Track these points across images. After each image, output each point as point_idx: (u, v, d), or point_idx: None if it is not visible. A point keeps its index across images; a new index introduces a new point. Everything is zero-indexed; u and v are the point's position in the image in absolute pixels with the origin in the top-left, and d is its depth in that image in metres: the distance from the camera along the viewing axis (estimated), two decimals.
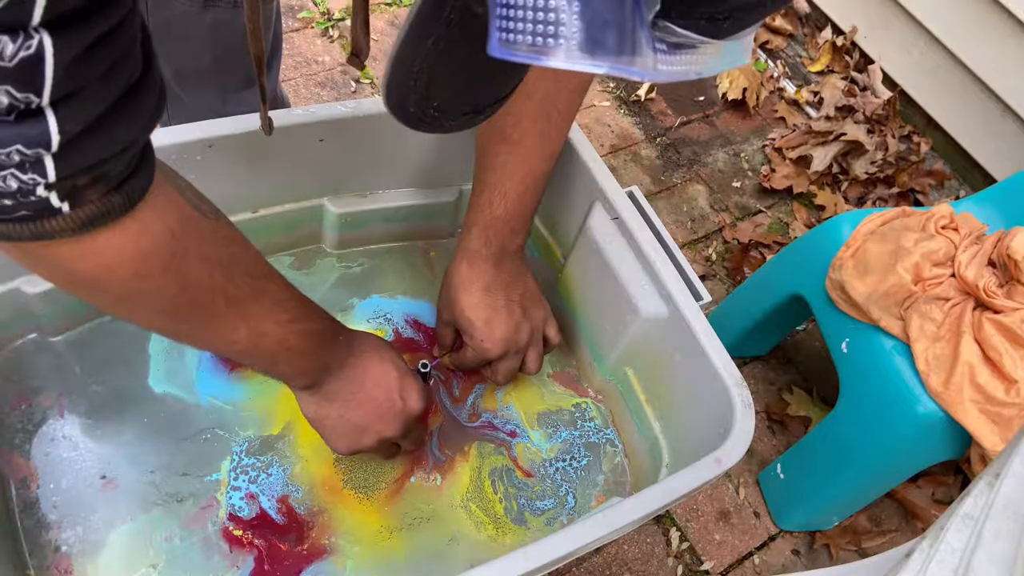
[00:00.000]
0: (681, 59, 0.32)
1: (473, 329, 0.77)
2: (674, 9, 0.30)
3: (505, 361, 0.80)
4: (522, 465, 0.86)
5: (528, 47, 0.30)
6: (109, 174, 0.44)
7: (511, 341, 0.78)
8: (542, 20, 0.29)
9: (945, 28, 1.78)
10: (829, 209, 1.73)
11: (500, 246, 0.76)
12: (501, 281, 0.77)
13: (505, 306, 0.77)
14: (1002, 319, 1.01)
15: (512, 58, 0.30)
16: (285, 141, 0.78)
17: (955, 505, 0.47)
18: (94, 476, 0.75)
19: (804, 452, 1.25)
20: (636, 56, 0.31)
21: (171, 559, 0.73)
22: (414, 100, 0.44)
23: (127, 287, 0.51)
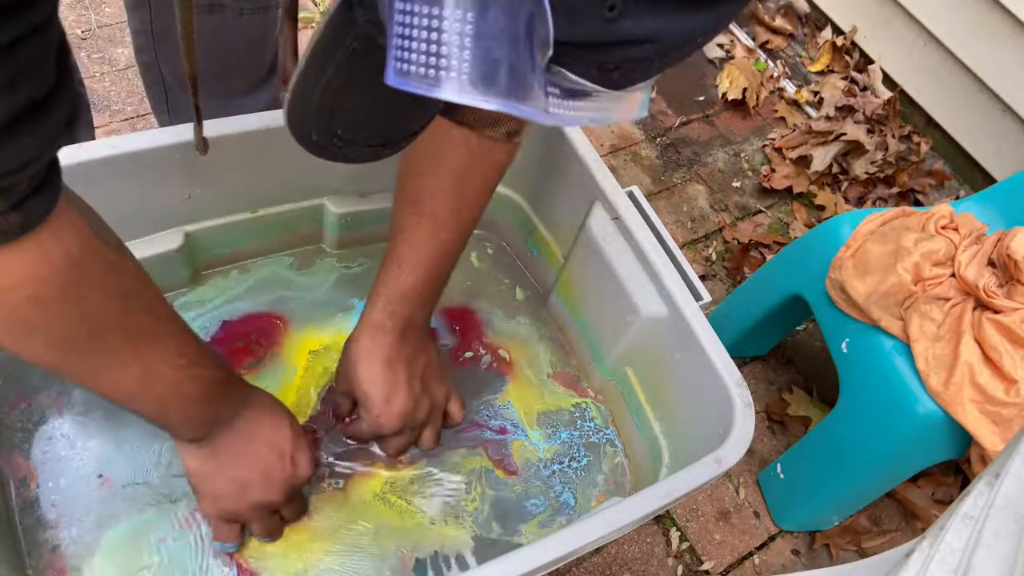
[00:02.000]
0: (574, 105, 0.33)
1: (370, 403, 0.74)
2: (566, 56, 0.31)
3: (399, 437, 0.78)
4: (514, 463, 0.85)
5: (420, 78, 0.30)
6: (8, 191, 0.42)
7: (408, 417, 0.76)
8: (435, 52, 0.30)
9: (945, 28, 1.78)
10: (829, 209, 1.73)
11: (405, 319, 0.74)
12: (404, 355, 0.75)
13: (406, 381, 0.75)
14: (1002, 319, 1.01)
15: (406, 88, 0.31)
16: (285, 141, 0.77)
17: (955, 505, 0.47)
18: (91, 475, 0.75)
19: (804, 452, 1.25)
20: (527, 97, 0.31)
21: (164, 561, 0.73)
22: (316, 128, 0.43)
23: (21, 313, 0.48)
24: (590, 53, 0.31)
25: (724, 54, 2.01)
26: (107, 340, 0.54)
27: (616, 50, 0.31)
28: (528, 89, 0.31)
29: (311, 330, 0.88)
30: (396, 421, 0.75)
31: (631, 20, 0.30)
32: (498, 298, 0.97)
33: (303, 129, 0.44)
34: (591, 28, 0.30)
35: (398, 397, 0.74)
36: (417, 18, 0.30)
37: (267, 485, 0.68)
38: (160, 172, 0.75)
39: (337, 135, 0.44)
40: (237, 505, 0.68)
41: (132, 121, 1.52)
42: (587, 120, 0.34)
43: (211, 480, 0.67)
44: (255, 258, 0.91)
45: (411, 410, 0.76)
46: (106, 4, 1.68)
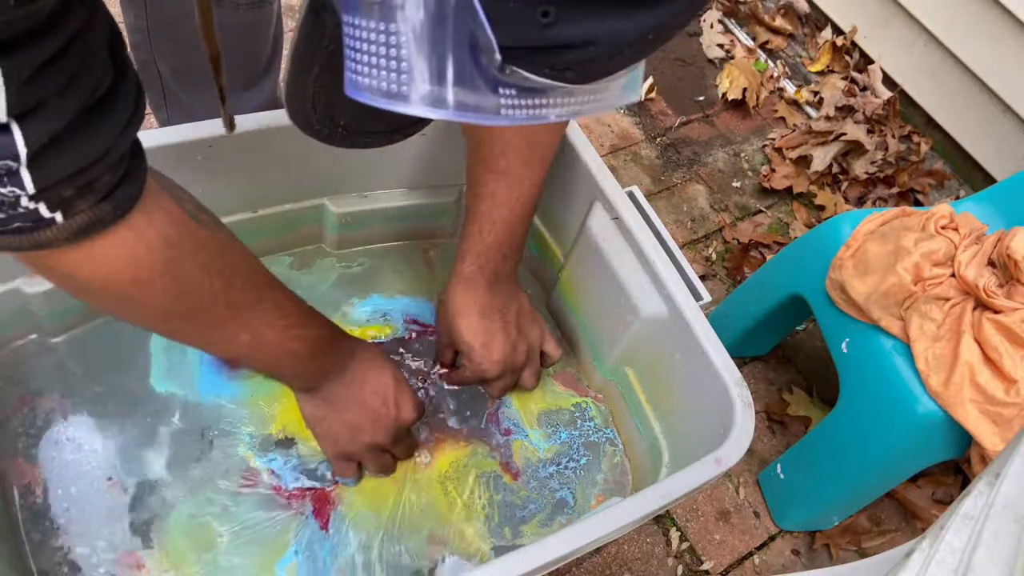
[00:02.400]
0: (533, 103, 0.33)
1: (471, 352, 0.80)
2: (516, 59, 0.31)
3: (501, 380, 0.84)
4: (516, 465, 0.85)
5: (377, 91, 0.31)
6: (95, 184, 0.45)
7: (507, 362, 0.81)
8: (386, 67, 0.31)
9: (945, 28, 1.78)
10: (829, 209, 1.73)
11: (493, 271, 0.79)
12: (496, 304, 0.80)
13: (502, 328, 0.80)
14: (1002, 319, 1.01)
15: (364, 100, 0.32)
16: (285, 141, 0.78)
17: (955, 505, 0.47)
18: (100, 478, 0.75)
19: (804, 452, 1.25)
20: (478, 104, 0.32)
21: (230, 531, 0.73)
22: (317, 119, 0.45)
23: (127, 293, 0.53)
24: (536, 55, 0.32)
25: (724, 54, 2.01)
26: (213, 312, 0.59)
27: (559, 53, 0.32)
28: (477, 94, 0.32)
29: None
30: (497, 366, 0.81)
31: (567, 25, 0.30)
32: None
33: (304, 120, 0.45)
34: (528, 35, 0.30)
35: (496, 344, 0.80)
36: (364, 32, 0.31)
37: (375, 427, 0.74)
38: (160, 172, 0.75)
39: (341, 125, 0.46)
40: (351, 446, 0.75)
41: None
42: (555, 117, 0.34)
43: (326, 424, 0.74)
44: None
45: (509, 354, 0.81)
46: (109, 4, 1.68)
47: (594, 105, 0.36)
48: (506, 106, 0.33)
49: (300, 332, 0.66)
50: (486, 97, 0.32)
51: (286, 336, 0.65)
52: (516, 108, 0.33)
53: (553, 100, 0.34)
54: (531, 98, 0.33)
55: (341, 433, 0.74)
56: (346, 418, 0.73)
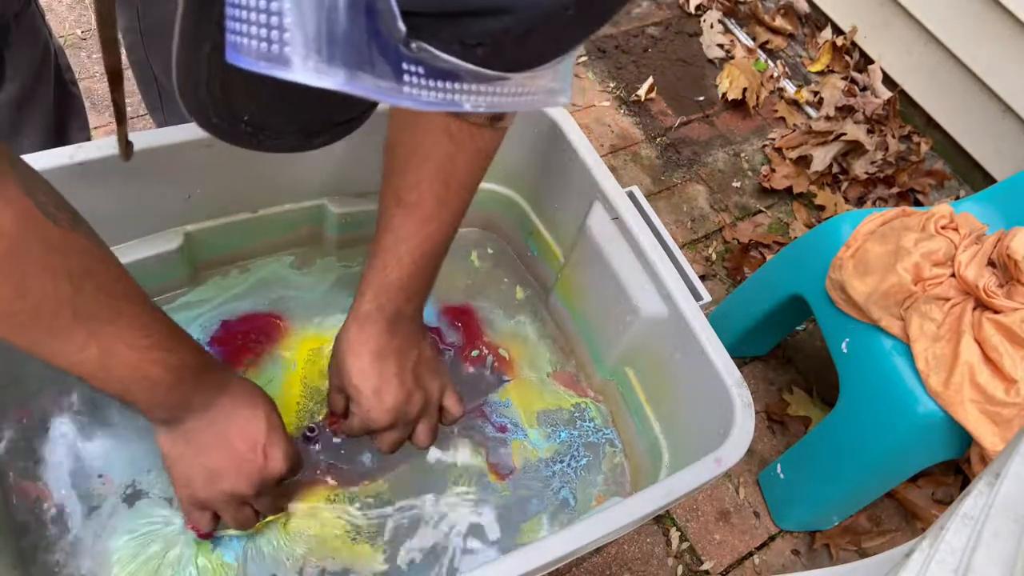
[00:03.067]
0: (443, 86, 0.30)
1: (360, 397, 0.72)
2: (422, 30, 0.29)
3: (392, 432, 0.75)
4: (511, 463, 0.85)
5: (259, 54, 0.28)
6: None
7: (400, 412, 0.73)
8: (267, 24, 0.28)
9: (945, 28, 1.78)
10: (829, 209, 1.74)
11: (395, 311, 0.72)
12: (394, 347, 0.72)
13: (397, 374, 0.72)
14: (1002, 319, 1.01)
15: (244, 65, 0.28)
16: None
17: (955, 505, 0.47)
18: (92, 475, 0.75)
19: (804, 452, 1.25)
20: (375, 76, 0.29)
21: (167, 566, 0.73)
22: (215, 112, 0.40)
23: None
24: (444, 25, 0.29)
25: (724, 54, 2.01)
26: (56, 320, 0.53)
27: (470, 22, 0.29)
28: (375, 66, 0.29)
29: (311, 329, 0.88)
30: (387, 415, 0.72)
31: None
32: (498, 298, 0.97)
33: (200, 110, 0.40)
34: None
35: (388, 390, 0.72)
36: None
37: (238, 476, 0.66)
38: (160, 172, 0.75)
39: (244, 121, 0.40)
40: (207, 493, 0.67)
41: (132, 121, 1.52)
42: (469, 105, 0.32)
43: (181, 464, 0.66)
44: (255, 258, 0.91)
45: (403, 403, 0.73)
46: None
47: (516, 100, 0.33)
48: (411, 84, 0.30)
49: (162, 356, 0.59)
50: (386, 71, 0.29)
51: (145, 358, 0.57)
52: (423, 89, 0.30)
53: (467, 86, 0.31)
54: (441, 80, 0.30)
55: (197, 477, 0.66)
56: (205, 461, 0.65)
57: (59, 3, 1.65)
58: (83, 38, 1.61)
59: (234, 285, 0.89)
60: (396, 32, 0.28)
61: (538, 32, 0.30)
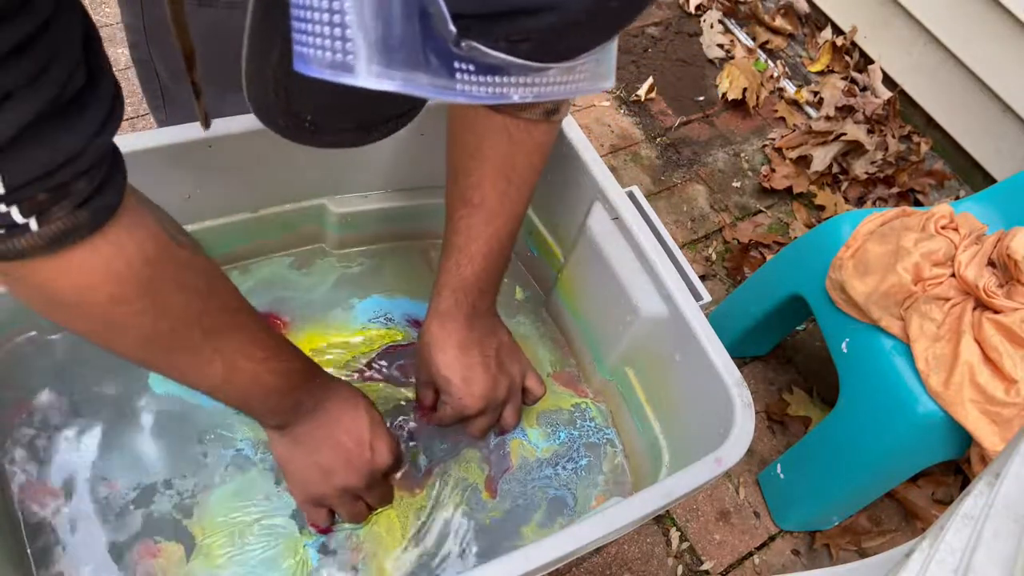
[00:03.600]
0: (493, 80, 0.32)
1: (451, 387, 0.76)
2: (472, 29, 0.30)
3: (483, 417, 0.79)
4: (510, 461, 0.85)
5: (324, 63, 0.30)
6: (70, 188, 0.44)
7: (489, 397, 0.77)
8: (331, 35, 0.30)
9: (945, 28, 1.78)
10: (829, 209, 1.74)
11: (471, 305, 0.76)
12: (474, 338, 0.77)
13: (481, 362, 0.77)
14: (1002, 319, 1.02)
15: (312, 73, 0.30)
16: (285, 141, 0.78)
17: (955, 505, 0.47)
18: (96, 478, 0.75)
19: (804, 452, 1.25)
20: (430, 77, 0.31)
21: None
22: (281, 112, 0.42)
23: (104, 311, 0.52)
24: (491, 25, 0.30)
25: (724, 54, 2.01)
26: (189, 337, 0.57)
27: (515, 20, 0.30)
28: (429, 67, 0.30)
29: (311, 330, 0.88)
30: (478, 402, 0.77)
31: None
32: (498, 298, 0.97)
33: (267, 112, 0.43)
34: None
35: (476, 378, 0.76)
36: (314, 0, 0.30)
37: (348, 471, 0.71)
38: (160, 172, 0.75)
39: (306, 120, 0.43)
40: (322, 489, 0.71)
41: (132, 121, 1.52)
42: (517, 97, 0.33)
43: (296, 465, 0.71)
44: (255, 258, 0.91)
45: (491, 389, 0.77)
46: (106, 4, 1.68)
47: (562, 88, 0.35)
48: (463, 82, 0.31)
49: (276, 365, 0.63)
50: (440, 71, 0.31)
51: (261, 368, 0.62)
52: (474, 85, 0.32)
53: (515, 79, 0.33)
54: (491, 75, 0.32)
55: (311, 475, 0.71)
56: (317, 459, 0.70)
57: None
58: None
59: None
60: (447, 33, 0.30)
61: (582, 25, 0.32)
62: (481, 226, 0.74)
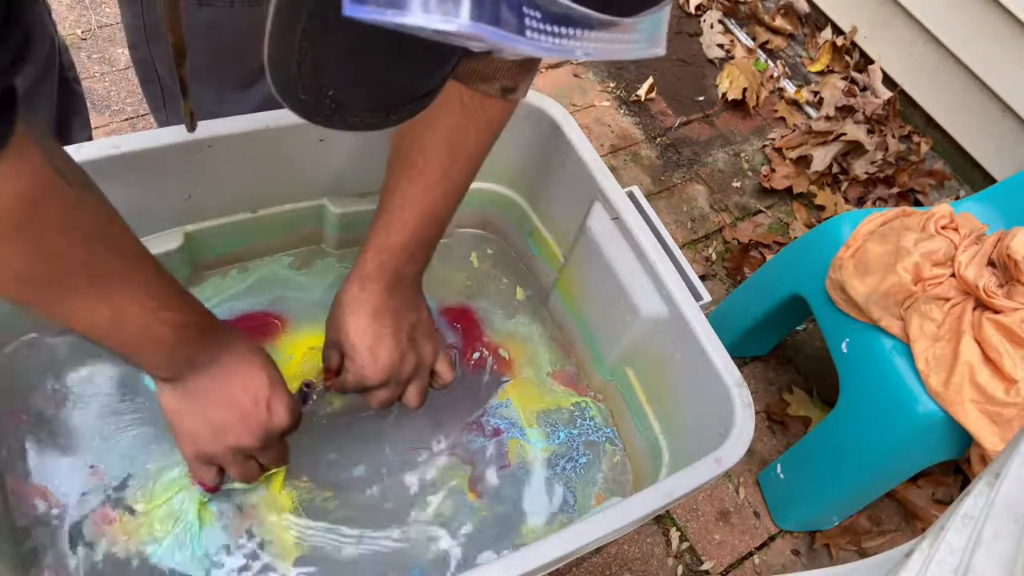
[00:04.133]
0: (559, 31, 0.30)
1: (355, 353, 0.73)
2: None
3: (384, 390, 0.76)
4: (507, 459, 0.85)
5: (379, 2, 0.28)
6: None
7: (393, 370, 0.74)
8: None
9: (945, 28, 1.78)
10: (829, 209, 1.74)
11: (395, 271, 0.73)
12: (391, 307, 0.74)
13: (392, 334, 0.74)
14: (1002, 319, 1.01)
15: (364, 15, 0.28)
16: (285, 141, 0.78)
17: (955, 505, 0.47)
18: (83, 465, 0.75)
19: (804, 452, 1.25)
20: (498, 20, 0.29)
21: None
22: (304, 87, 0.41)
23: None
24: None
25: (724, 54, 2.01)
26: (72, 281, 0.53)
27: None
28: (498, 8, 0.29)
29: (310, 329, 0.88)
30: (381, 372, 0.74)
31: None
32: (498, 298, 0.97)
33: (288, 87, 0.41)
34: None
35: (383, 348, 0.73)
36: None
37: (242, 429, 0.67)
38: (160, 172, 0.75)
39: (329, 96, 0.41)
40: (213, 447, 0.68)
41: (132, 121, 1.52)
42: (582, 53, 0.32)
43: (186, 420, 0.67)
44: (255, 258, 0.91)
45: (396, 362, 0.74)
46: (106, 4, 1.68)
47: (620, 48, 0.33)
48: (532, 28, 0.30)
49: (170, 316, 0.60)
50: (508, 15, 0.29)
51: (154, 318, 0.58)
52: (542, 33, 0.30)
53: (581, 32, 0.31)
54: (558, 25, 0.30)
55: (202, 432, 0.67)
56: (210, 415, 0.67)
57: (59, 3, 1.65)
58: (83, 38, 1.61)
59: (233, 285, 0.89)
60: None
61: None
62: (419, 192, 0.71)
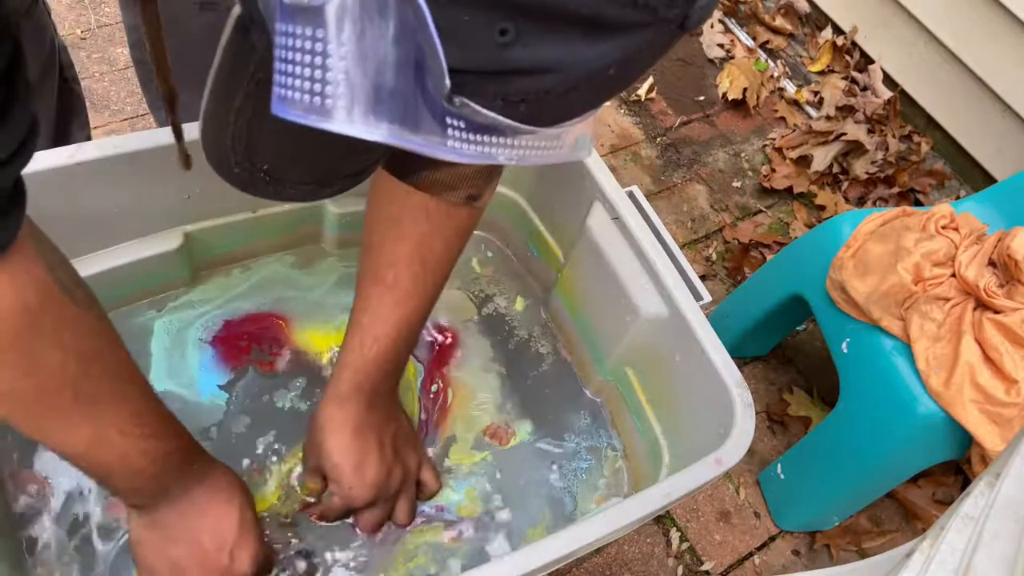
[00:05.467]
0: (482, 139, 0.31)
1: (340, 475, 0.71)
2: (467, 86, 0.29)
3: (373, 510, 0.74)
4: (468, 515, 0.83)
5: (305, 107, 0.28)
6: None
7: (381, 487, 0.72)
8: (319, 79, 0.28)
9: (945, 28, 1.78)
10: (829, 209, 1.74)
11: (372, 388, 0.71)
12: (373, 422, 0.72)
13: (377, 449, 0.72)
14: (1002, 319, 1.01)
15: (292, 117, 0.29)
16: None
17: (955, 505, 0.47)
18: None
19: (804, 452, 1.25)
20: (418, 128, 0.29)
21: None
22: (237, 161, 0.41)
23: None
24: (488, 82, 0.29)
25: (724, 54, 2.01)
26: (57, 399, 0.51)
27: (515, 80, 0.30)
28: (420, 120, 0.29)
29: (312, 329, 0.88)
30: (369, 491, 0.72)
31: (525, 48, 0.28)
32: (498, 298, 0.97)
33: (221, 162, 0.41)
34: (482, 55, 0.28)
35: (370, 465, 0.71)
36: (299, 40, 0.28)
37: (198, 573, 0.65)
38: (160, 172, 0.75)
39: (264, 171, 0.41)
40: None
41: (132, 121, 1.52)
42: (503, 158, 0.32)
43: (148, 551, 0.65)
44: (256, 258, 0.91)
45: (384, 478, 0.72)
46: (105, 4, 1.68)
47: (544, 154, 0.34)
48: (453, 138, 0.30)
49: (152, 445, 0.58)
50: (431, 126, 0.29)
51: (134, 447, 0.56)
52: (464, 143, 0.30)
53: (503, 139, 0.32)
54: (480, 134, 0.31)
55: (161, 568, 0.64)
56: (171, 552, 0.64)
57: (59, 3, 1.65)
58: (83, 38, 1.61)
59: (236, 285, 0.89)
60: (442, 88, 0.28)
61: (579, 90, 0.31)
62: (391, 307, 0.70)
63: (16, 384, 0.49)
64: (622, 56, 0.30)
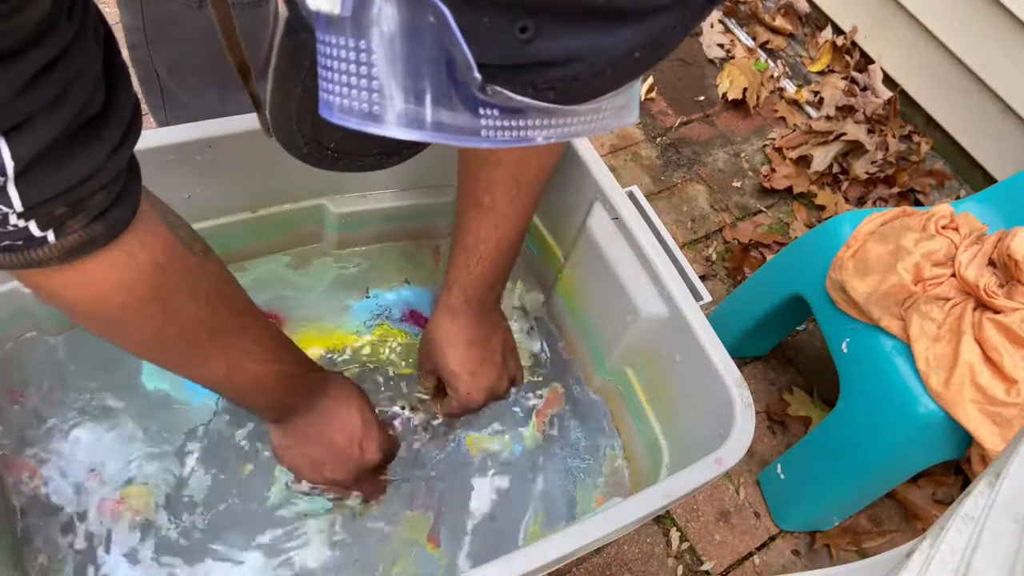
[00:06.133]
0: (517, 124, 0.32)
1: (459, 382, 0.80)
2: (497, 76, 0.30)
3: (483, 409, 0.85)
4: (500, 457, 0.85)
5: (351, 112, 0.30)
6: (88, 203, 0.45)
7: (494, 390, 0.82)
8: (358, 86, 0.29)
9: (945, 28, 1.78)
10: (829, 209, 1.73)
11: (479, 302, 0.80)
12: (482, 334, 0.81)
13: (489, 358, 0.81)
14: (1002, 319, 1.01)
15: (337, 122, 0.30)
16: None
17: (955, 505, 0.47)
18: (83, 469, 0.76)
19: (804, 452, 1.25)
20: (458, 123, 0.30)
21: None
22: (305, 143, 0.43)
23: (115, 315, 0.53)
24: (515, 73, 0.30)
25: (724, 54, 2.01)
26: (195, 339, 0.59)
27: (541, 71, 0.30)
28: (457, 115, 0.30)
29: (309, 329, 0.88)
30: (485, 394, 0.81)
31: (547, 41, 0.29)
32: None
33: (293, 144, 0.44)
34: (505, 51, 0.29)
35: (484, 374, 0.80)
36: (337, 49, 0.29)
37: (336, 465, 0.75)
38: (160, 172, 0.74)
39: (331, 148, 0.44)
40: (313, 478, 0.76)
41: None
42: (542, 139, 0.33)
43: (289, 455, 0.75)
44: (254, 257, 0.91)
45: (496, 384, 0.82)
46: (106, 4, 1.68)
47: (586, 127, 0.34)
48: (487, 127, 0.31)
49: (277, 367, 0.67)
50: (466, 117, 0.30)
51: (263, 369, 0.66)
52: (499, 130, 0.31)
53: (539, 121, 0.32)
54: (515, 119, 0.31)
55: (303, 466, 0.75)
56: (309, 453, 0.74)
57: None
58: None
59: None
60: (472, 80, 0.29)
61: (606, 75, 0.32)
62: (491, 228, 0.76)
63: (161, 332, 0.57)
64: (645, 39, 0.31)
